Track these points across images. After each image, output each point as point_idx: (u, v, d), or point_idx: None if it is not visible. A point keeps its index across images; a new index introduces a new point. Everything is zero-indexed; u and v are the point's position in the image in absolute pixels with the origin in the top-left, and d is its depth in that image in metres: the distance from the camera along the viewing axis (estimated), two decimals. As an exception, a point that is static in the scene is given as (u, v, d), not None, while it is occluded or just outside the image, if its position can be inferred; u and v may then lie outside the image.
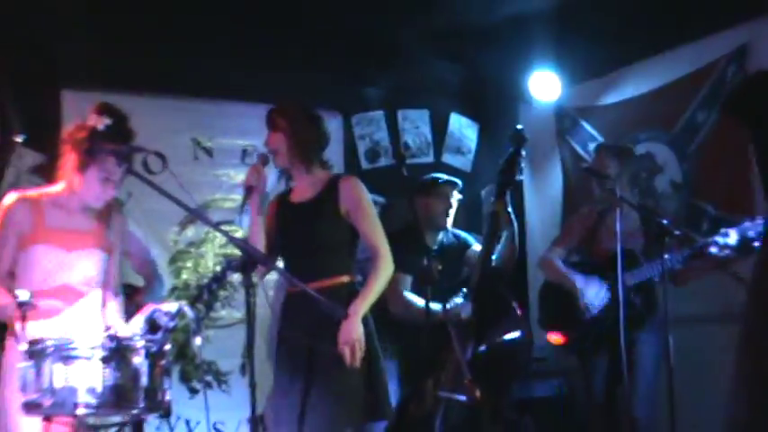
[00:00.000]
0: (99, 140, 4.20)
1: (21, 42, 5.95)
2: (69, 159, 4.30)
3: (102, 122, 4.23)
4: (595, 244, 5.74)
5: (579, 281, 5.62)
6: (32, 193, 4.38)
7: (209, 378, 6.52)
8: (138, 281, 4.89)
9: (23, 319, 3.83)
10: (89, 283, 4.34)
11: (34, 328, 3.95)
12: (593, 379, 5.65)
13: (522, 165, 5.87)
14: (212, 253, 6.81)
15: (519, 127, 5.89)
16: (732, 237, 5.08)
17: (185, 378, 6.44)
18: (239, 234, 6.46)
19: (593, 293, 5.57)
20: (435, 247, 6.09)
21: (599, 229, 5.75)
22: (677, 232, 5.11)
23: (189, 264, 6.76)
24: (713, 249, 5.10)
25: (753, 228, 5.03)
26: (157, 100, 6.62)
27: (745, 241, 5.06)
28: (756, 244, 4.93)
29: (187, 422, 6.44)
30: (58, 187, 4.37)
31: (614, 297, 5.39)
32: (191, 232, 6.76)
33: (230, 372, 6.60)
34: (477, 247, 6.15)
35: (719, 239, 5.09)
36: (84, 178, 4.27)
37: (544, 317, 5.97)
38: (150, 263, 4.86)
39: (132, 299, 4.47)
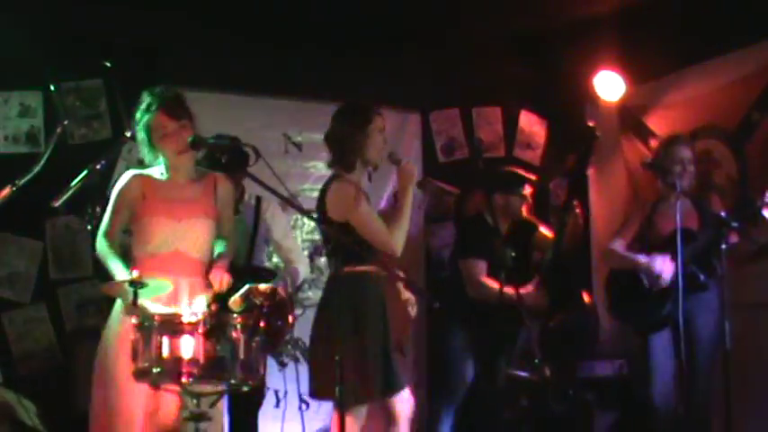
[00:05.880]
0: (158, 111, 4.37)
1: (128, 47, 6.05)
2: (141, 139, 4.46)
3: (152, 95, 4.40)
4: (652, 230, 5.64)
5: (643, 258, 5.52)
6: (145, 171, 4.52)
7: (296, 353, 6.57)
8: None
9: (135, 296, 3.89)
10: (199, 248, 4.44)
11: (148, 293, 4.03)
12: (655, 358, 5.54)
13: (592, 159, 5.84)
14: (300, 239, 6.84)
15: (591, 124, 5.83)
16: None
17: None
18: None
19: (660, 264, 5.46)
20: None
21: (654, 216, 5.67)
22: (735, 224, 5.07)
23: (279, 248, 6.80)
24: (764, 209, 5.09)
25: None
26: (251, 99, 6.71)
27: None
28: None
29: (275, 392, 6.52)
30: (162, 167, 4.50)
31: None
32: (281, 219, 6.82)
33: (315, 348, 6.59)
34: (543, 228, 6.17)
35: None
36: (159, 146, 4.42)
37: (612, 303, 5.86)
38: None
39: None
